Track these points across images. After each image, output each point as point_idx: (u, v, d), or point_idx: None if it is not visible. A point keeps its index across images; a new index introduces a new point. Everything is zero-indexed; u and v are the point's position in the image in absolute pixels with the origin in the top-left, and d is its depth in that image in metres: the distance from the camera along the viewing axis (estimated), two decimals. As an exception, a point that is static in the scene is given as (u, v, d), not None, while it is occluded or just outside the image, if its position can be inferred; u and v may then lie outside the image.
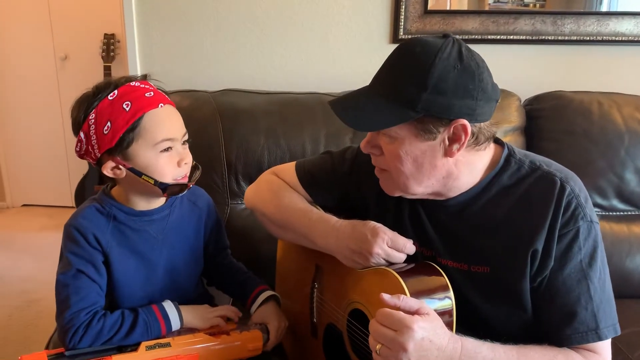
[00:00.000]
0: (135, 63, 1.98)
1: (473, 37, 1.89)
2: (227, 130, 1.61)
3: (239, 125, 1.62)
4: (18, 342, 2.33)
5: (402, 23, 1.89)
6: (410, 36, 1.90)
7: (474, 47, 0.96)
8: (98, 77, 3.15)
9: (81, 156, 1.08)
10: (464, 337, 0.89)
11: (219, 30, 1.94)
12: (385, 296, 0.86)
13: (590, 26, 1.87)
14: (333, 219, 1.10)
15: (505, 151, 1.02)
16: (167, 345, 1.07)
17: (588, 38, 1.88)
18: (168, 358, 1.06)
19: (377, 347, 0.85)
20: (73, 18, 3.61)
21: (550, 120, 1.68)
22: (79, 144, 1.06)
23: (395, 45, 2.00)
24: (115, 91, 1.03)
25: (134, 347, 1.05)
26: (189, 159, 1.10)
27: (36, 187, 3.97)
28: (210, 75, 1.96)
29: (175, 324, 1.12)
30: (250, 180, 1.61)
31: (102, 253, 1.09)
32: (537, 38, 1.89)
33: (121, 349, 1.05)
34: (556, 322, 0.95)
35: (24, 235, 1.14)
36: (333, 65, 1.95)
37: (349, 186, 1.19)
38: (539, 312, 0.98)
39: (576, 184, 0.97)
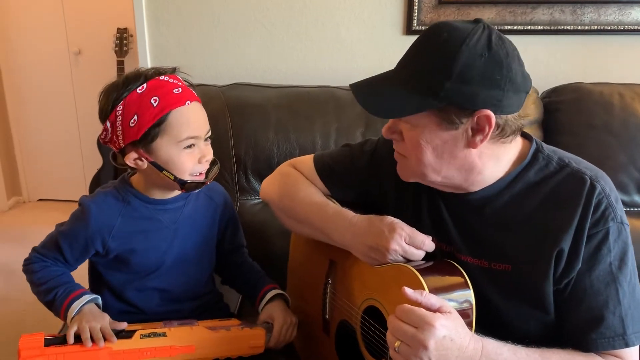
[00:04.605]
0: (145, 57, 1.97)
1: (489, 27, 1.84)
2: (236, 125, 1.60)
3: (249, 120, 1.60)
4: (32, 336, 2.35)
5: (416, 14, 1.85)
6: (424, 27, 1.86)
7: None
8: (111, 72, 3.20)
9: (105, 143, 1.11)
10: (485, 338, 0.86)
11: (229, 24, 1.92)
12: (408, 290, 0.84)
13: (611, 15, 1.82)
14: (350, 213, 1.07)
15: (534, 146, 0.98)
16: (163, 335, 1.08)
17: (609, 27, 1.82)
18: (163, 347, 1.07)
19: (396, 343, 0.82)
20: (86, 13, 3.62)
21: (569, 113, 1.63)
22: (104, 132, 1.09)
23: (409, 37, 1.97)
24: (145, 85, 1.05)
25: (129, 333, 1.07)
26: (209, 156, 1.13)
27: (52, 181, 4.00)
28: (220, 69, 1.95)
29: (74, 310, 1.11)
30: (260, 175, 1.60)
31: (103, 239, 1.12)
32: (555, 28, 1.83)
33: (116, 335, 1.06)
34: (581, 325, 0.92)
35: (40, 229, 1.15)
36: (345, 58, 1.92)
37: (368, 179, 1.16)
38: (564, 314, 0.94)
39: (607, 184, 0.93)
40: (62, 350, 1.00)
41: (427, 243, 0.97)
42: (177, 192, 1.17)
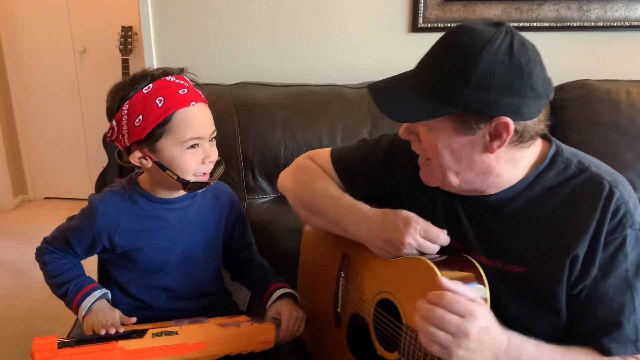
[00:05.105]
0: (151, 56, 1.97)
1: (495, 24, 1.84)
2: (243, 124, 1.60)
3: (255, 119, 1.60)
4: (41, 334, 2.36)
5: (422, 11, 1.85)
6: (430, 25, 1.86)
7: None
8: (116, 71, 3.20)
9: (112, 141, 1.13)
10: (509, 331, 0.87)
11: (234, 22, 1.92)
12: (444, 280, 0.84)
13: (617, 11, 1.81)
14: (365, 207, 1.07)
15: (553, 149, 0.96)
16: (175, 333, 1.09)
17: (615, 24, 1.82)
18: (174, 345, 1.08)
19: (438, 333, 0.81)
20: (91, 11, 3.62)
21: (575, 110, 1.62)
22: (110, 131, 1.10)
23: (414, 35, 1.96)
24: (151, 85, 1.05)
25: (140, 333, 1.08)
26: (214, 157, 1.13)
27: (57, 180, 4.02)
28: (225, 67, 1.95)
29: (84, 308, 1.14)
30: (267, 174, 1.60)
31: (110, 236, 1.14)
32: (561, 24, 1.83)
33: (128, 335, 1.07)
34: (595, 331, 0.91)
35: (46, 227, 1.16)
36: (351, 56, 1.92)
37: (382, 175, 1.16)
38: (578, 319, 0.93)
39: (625, 189, 0.92)
40: (76, 352, 1.01)
41: (442, 237, 0.97)
42: (182, 192, 1.18)
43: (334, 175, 1.21)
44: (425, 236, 0.96)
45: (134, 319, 1.12)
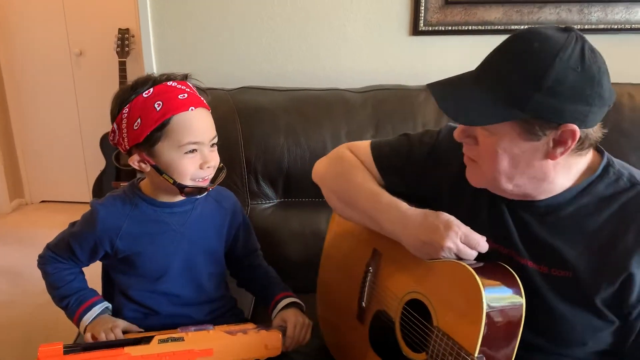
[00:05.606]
0: (150, 60, 1.97)
1: (496, 27, 1.84)
2: (245, 129, 1.59)
3: (258, 124, 1.60)
4: (40, 340, 2.33)
5: (422, 14, 1.85)
6: (430, 28, 1.86)
7: (497, 39, 0.91)
8: (113, 73, 3.18)
9: (114, 144, 1.13)
10: None
11: (235, 25, 1.91)
12: None
13: (618, 14, 1.82)
14: (404, 205, 1.05)
15: (605, 160, 0.96)
16: (181, 339, 1.09)
17: (616, 27, 1.83)
18: (181, 352, 1.08)
19: None
20: (87, 13, 3.60)
21: (578, 113, 1.62)
22: (112, 134, 1.11)
23: (415, 38, 1.95)
24: (151, 89, 1.06)
25: (147, 339, 1.07)
26: (213, 162, 1.12)
27: (54, 183, 3.99)
28: (226, 71, 1.94)
29: (85, 323, 1.16)
30: (270, 180, 1.60)
31: (111, 240, 1.15)
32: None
33: (134, 342, 1.07)
34: None
35: (43, 231, 1.16)
36: (352, 59, 1.92)
37: (423, 172, 1.13)
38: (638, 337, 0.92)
39: None
40: (82, 358, 1.01)
41: (482, 244, 0.95)
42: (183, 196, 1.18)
43: (373, 169, 1.18)
44: (465, 241, 0.95)
45: (141, 330, 1.12)
